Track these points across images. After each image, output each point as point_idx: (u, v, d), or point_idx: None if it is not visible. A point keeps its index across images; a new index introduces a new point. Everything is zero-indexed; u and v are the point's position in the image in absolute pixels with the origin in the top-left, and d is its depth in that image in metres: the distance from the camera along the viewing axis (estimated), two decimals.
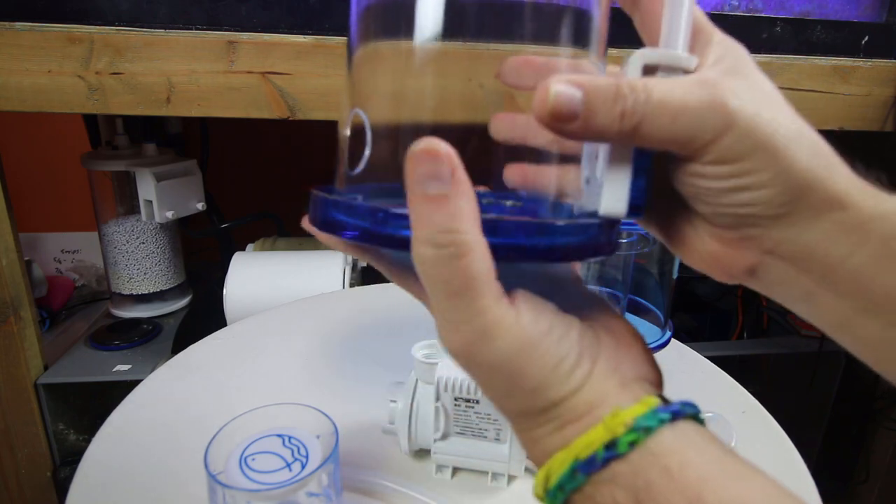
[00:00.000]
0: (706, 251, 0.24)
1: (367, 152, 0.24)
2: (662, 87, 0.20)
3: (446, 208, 0.19)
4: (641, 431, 0.20)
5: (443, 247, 0.19)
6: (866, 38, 0.71)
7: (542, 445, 0.22)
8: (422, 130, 0.23)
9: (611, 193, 0.22)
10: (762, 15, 0.71)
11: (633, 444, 0.20)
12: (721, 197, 0.22)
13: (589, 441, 0.20)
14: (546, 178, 0.25)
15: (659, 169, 0.23)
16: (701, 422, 0.22)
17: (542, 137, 0.25)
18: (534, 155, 0.25)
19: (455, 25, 0.24)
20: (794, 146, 0.21)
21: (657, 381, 0.24)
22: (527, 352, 0.21)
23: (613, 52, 0.26)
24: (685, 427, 0.21)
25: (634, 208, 0.22)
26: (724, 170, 0.21)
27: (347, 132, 0.25)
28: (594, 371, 0.22)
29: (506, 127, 0.26)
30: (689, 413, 0.21)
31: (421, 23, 0.23)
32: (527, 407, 0.22)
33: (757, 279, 0.24)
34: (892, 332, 0.22)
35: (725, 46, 0.22)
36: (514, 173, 0.26)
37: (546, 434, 0.22)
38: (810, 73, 0.70)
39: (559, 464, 0.21)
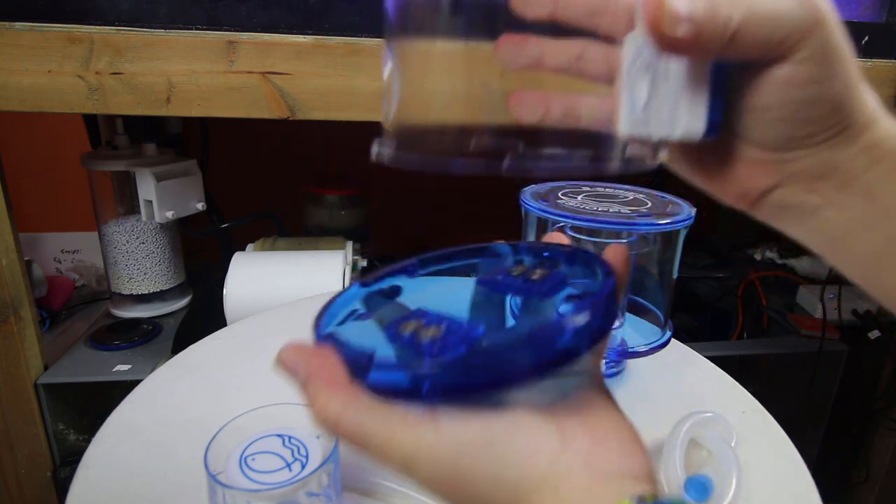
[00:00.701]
0: (729, 172, 0.24)
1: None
2: None
3: (310, 401, 0.23)
4: None
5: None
6: (866, 38, 0.71)
7: None
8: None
9: (690, 112, 0.21)
10: None
11: None
12: (788, 110, 0.22)
13: None
14: (570, 108, 0.25)
15: None
16: None
17: (558, 57, 0.25)
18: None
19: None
20: (855, 64, 0.22)
21: (644, 475, 0.22)
22: (463, 460, 0.21)
23: None
24: None
25: (712, 127, 0.21)
26: (807, 72, 0.21)
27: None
28: (556, 468, 0.21)
29: (514, 48, 0.26)
30: None
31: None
32: None
33: (764, 202, 0.24)
34: (890, 247, 0.23)
35: None
36: (536, 102, 0.26)
37: None
38: None
39: None
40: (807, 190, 0.23)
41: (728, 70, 0.22)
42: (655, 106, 0.22)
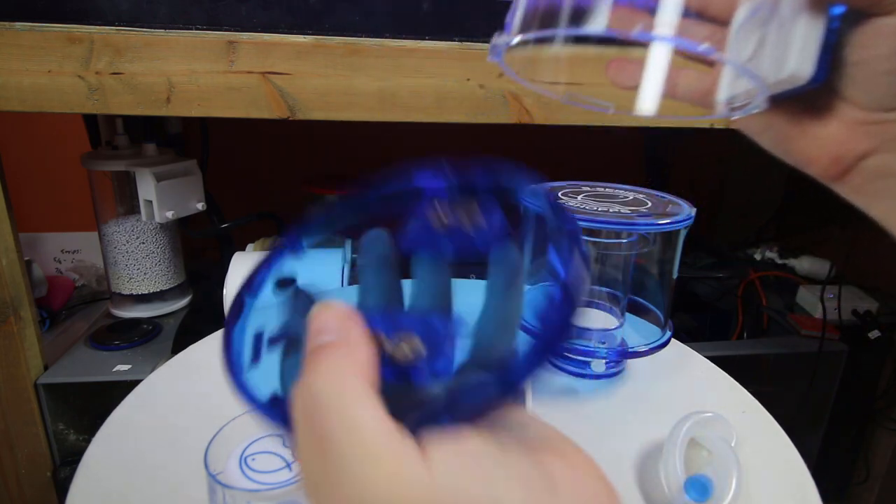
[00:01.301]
0: (824, 135, 0.24)
1: None
2: None
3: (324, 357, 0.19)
4: None
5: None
6: None
7: None
8: None
9: (801, 53, 0.21)
10: None
11: None
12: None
13: None
14: (672, 75, 0.25)
15: None
16: None
17: None
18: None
19: None
20: None
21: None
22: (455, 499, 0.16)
23: (613, 52, 0.26)
24: None
25: (821, 72, 0.21)
26: None
27: None
28: None
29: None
30: None
31: None
32: None
33: (857, 170, 0.24)
34: None
35: None
36: (635, 71, 0.25)
37: None
38: None
39: None
40: None
41: (841, 17, 0.21)
42: (766, 53, 0.21)
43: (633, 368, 0.58)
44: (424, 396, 0.20)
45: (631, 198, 0.54)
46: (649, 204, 0.52)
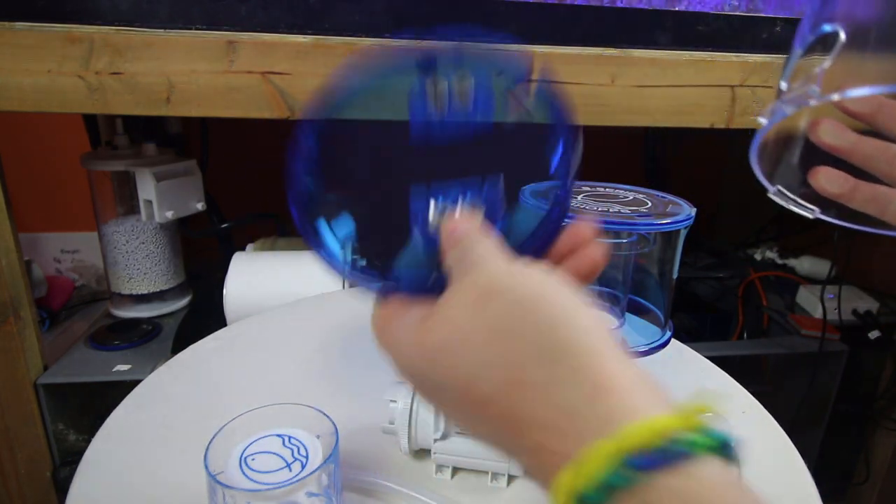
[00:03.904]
0: None
1: None
2: None
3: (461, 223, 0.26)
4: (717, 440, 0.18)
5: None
6: None
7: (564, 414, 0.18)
8: None
9: None
10: (762, 15, 0.71)
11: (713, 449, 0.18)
12: None
13: (657, 428, 0.17)
14: (882, 193, 0.28)
15: None
16: None
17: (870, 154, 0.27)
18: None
19: None
20: None
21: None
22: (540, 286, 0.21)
23: (613, 52, 0.26)
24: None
25: None
26: None
27: None
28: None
29: (834, 132, 0.29)
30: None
31: None
32: (536, 355, 0.19)
33: None
34: None
35: None
36: (839, 178, 0.28)
37: (572, 401, 0.18)
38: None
39: (602, 456, 0.17)
40: None
41: None
42: None
43: None
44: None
45: (631, 198, 0.54)
46: (649, 204, 0.52)
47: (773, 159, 0.29)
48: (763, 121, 0.25)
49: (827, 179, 0.29)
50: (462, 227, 0.25)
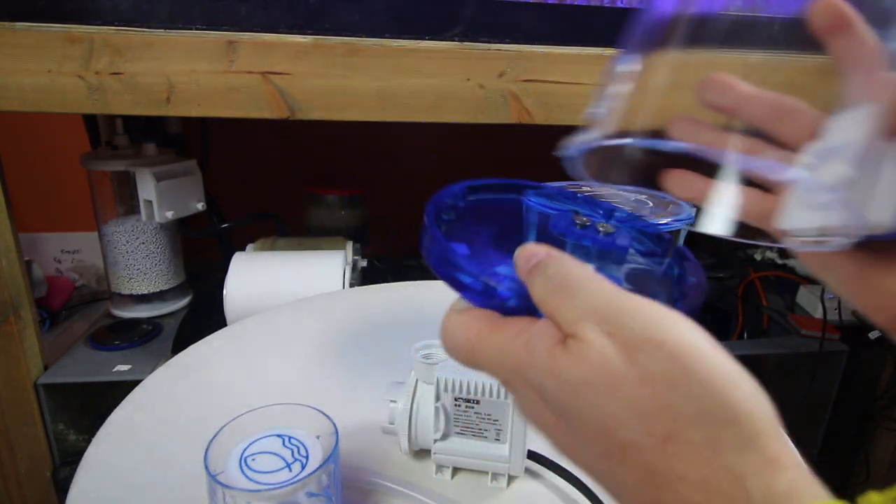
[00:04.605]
0: (893, 286, 0.24)
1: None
2: None
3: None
4: None
5: None
6: None
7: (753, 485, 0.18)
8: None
9: (885, 201, 0.21)
10: (762, 15, 0.71)
11: None
12: None
13: None
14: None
15: None
16: None
17: (754, 111, 0.25)
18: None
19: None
20: None
21: None
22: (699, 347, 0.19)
23: (613, 52, 0.26)
24: None
25: None
26: None
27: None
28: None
29: (717, 88, 0.26)
30: None
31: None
32: (695, 413, 0.18)
33: None
34: None
35: None
36: (691, 182, 0.26)
37: (740, 468, 0.18)
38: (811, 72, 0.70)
39: None
40: None
41: None
42: (865, 188, 0.21)
43: None
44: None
45: (632, 198, 0.54)
46: (650, 204, 0.52)
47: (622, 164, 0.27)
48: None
49: (675, 183, 0.27)
50: (541, 251, 0.23)
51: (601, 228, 0.27)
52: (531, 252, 0.23)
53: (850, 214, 0.21)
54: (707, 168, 0.24)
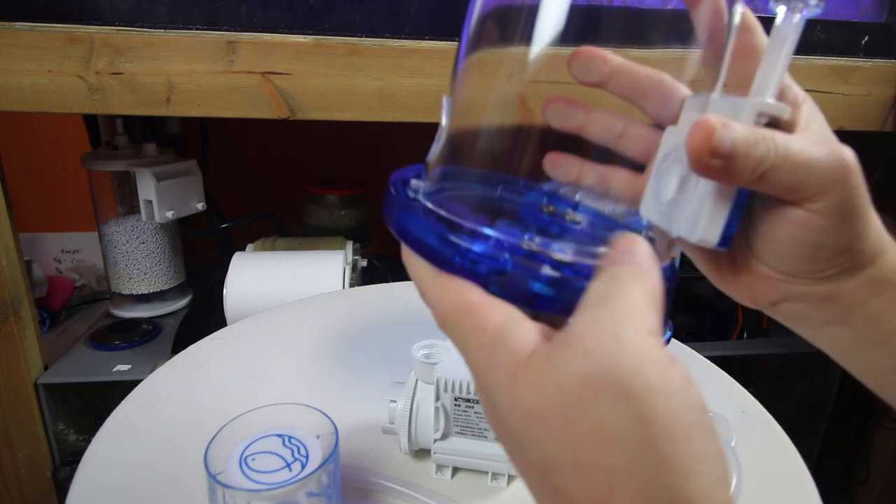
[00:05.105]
0: (741, 279, 0.26)
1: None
2: (785, 140, 0.21)
3: None
4: None
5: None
6: (866, 39, 0.71)
7: None
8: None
9: (709, 224, 0.22)
10: (762, 15, 0.71)
11: None
12: (796, 248, 0.23)
13: None
14: (602, 177, 0.26)
15: None
16: None
17: (600, 133, 0.26)
18: (593, 152, 0.26)
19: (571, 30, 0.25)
20: (870, 213, 0.23)
21: None
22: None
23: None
24: None
25: (725, 240, 0.22)
26: (819, 221, 0.22)
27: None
28: None
29: (562, 114, 0.27)
30: None
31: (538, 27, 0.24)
32: (639, 487, 0.17)
33: (775, 310, 0.26)
34: (894, 362, 0.25)
35: (811, 107, 0.24)
36: (571, 166, 0.26)
37: None
38: (810, 73, 0.70)
39: None
40: (812, 308, 0.25)
41: (750, 195, 0.22)
42: (679, 206, 0.23)
43: None
44: None
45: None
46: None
47: None
48: None
49: (553, 168, 0.27)
50: (640, 248, 0.20)
51: (567, 217, 0.27)
52: (628, 243, 0.21)
53: (675, 227, 0.22)
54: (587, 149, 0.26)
